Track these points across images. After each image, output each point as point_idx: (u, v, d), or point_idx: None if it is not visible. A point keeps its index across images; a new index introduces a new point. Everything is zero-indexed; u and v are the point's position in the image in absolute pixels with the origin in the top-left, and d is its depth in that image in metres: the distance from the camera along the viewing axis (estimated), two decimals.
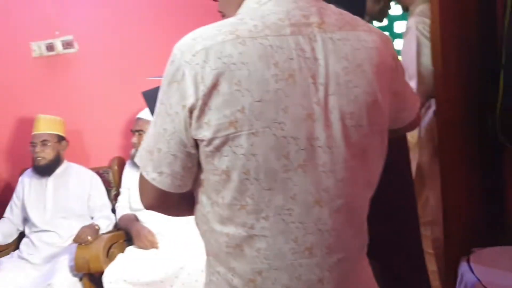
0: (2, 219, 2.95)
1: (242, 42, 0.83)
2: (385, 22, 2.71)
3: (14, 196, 2.95)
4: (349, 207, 0.92)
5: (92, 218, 2.85)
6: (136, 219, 2.72)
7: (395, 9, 2.68)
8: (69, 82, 3.09)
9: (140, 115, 2.74)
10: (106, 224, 2.73)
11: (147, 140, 0.94)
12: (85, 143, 3.19)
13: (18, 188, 2.94)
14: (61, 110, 2.98)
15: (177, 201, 0.99)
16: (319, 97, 0.86)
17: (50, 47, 2.99)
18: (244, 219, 0.88)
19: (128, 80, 3.02)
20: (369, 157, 0.93)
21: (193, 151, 0.89)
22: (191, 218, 2.73)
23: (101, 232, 2.67)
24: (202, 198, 0.95)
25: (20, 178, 2.98)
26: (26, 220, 2.92)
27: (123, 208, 2.82)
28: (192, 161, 0.91)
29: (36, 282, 2.56)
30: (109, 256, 2.57)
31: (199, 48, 0.84)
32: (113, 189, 3.06)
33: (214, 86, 0.82)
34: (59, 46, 2.98)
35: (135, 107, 2.94)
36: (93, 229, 2.62)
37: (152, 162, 0.92)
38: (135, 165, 2.76)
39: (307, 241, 0.89)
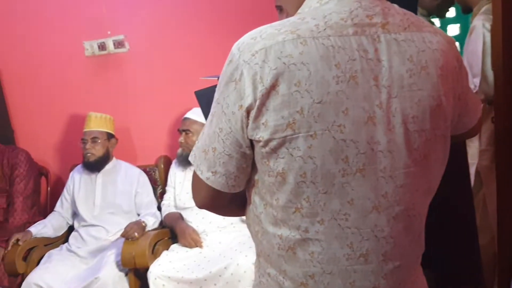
0: (52, 212, 3.04)
1: (303, 42, 0.81)
2: (437, 24, 2.63)
3: (65, 190, 3.04)
4: (408, 214, 0.89)
5: (138, 215, 2.90)
6: (181, 217, 2.75)
7: (448, 12, 2.61)
8: (119, 81, 3.16)
9: (187, 115, 2.76)
10: (152, 221, 2.78)
11: (202, 139, 0.94)
12: (133, 141, 3.25)
13: (69, 183, 3.04)
14: (111, 108, 3.06)
15: (230, 201, 0.99)
16: (382, 99, 0.83)
17: (102, 47, 3.07)
18: (299, 222, 0.87)
19: (176, 80, 3.07)
20: (431, 163, 0.89)
21: (248, 151, 0.88)
22: (235, 219, 2.74)
23: (147, 229, 2.72)
24: (255, 199, 0.95)
25: (71, 174, 3.07)
26: (75, 214, 3.01)
27: (168, 206, 2.86)
28: (247, 162, 0.90)
29: (84, 275, 2.63)
30: (154, 253, 2.61)
31: (259, 48, 0.83)
32: (158, 187, 3.11)
33: (273, 87, 0.81)
34: (110, 46, 3.05)
35: (183, 107, 2.98)
36: (140, 226, 2.66)
37: (206, 162, 0.92)
38: (181, 164, 2.80)
39: (362, 247, 0.87)
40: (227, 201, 0.98)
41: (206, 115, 1.03)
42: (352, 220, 0.86)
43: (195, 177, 0.97)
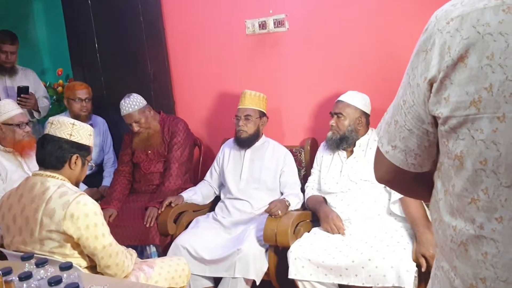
0: (202, 181, 3.21)
1: (506, 9, 0.69)
2: None
3: (215, 162, 3.18)
4: None
5: (281, 193, 2.92)
6: (324, 201, 2.69)
7: None
8: (275, 60, 3.18)
9: (341, 97, 2.68)
10: (295, 201, 2.77)
11: (388, 111, 0.91)
12: (283, 121, 3.27)
13: (219, 156, 3.17)
14: (265, 87, 3.10)
15: (412, 181, 0.93)
16: None
17: (262, 25, 3.12)
18: (473, 215, 0.77)
19: (333, 62, 2.99)
20: None
21: (431, 129, 0.81)
22: (382, 211, 2.58)
23: (290, 208, 2.72)
24: (437, 184, 0.87)
25: (222, 147, 3.20)
26: (222, 185, 3.14)
27: (312, 189, 2.82)
28: (429, 140, 0.83)
29: (227, 245, 2.73)
30: (295, 233, 2.60)
31: (455, 15, 0.74)
32: (303, 169, 3.09)
33: (460, 58, 0.72)
34: (270, 25, 3.08)
35: (337, 89, 2.91)
36: (284, 204, 2.67)
37: (388, 134, 0.88)
38: (329, 147, 2.73)
39: None
40: (409, 180, 0.92)
41: None
42: None
43: (377, 149, 0.93)
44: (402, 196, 2.36)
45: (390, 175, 0.93)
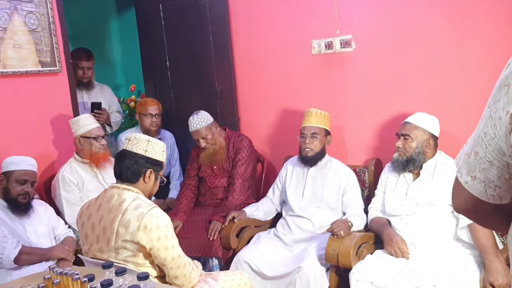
0: (264, 198, 3.26)
1: None
2: None
3: (277, 179, 3.23)
4: None
5: (344, 213, 2.91)
6: (388, 223, 2.66)
7: None
8: (341, 79, 3.20)
9: (409, 119, 2.64)
10: (358, 222, 2.75)
11: (468, 142, 0.91)
12: (345, 140, 3.27)
13: (282, 173, 3.21)
14: (329, 106, 3.12)
15: (490, 212, 0.93)
16: None
17: (328, 45, 3.15)
18: None
19: (399, 83, 2.97)
20: None
21: (511, 161, 0.81)
22: (449, 236, 2.52)
23: (352, 229, 2.70)
24: None
25: (285, 164, 3.24)
26: (284, 203, 3.17)
27: (375, 210, 2.79)
28: (510, 173, 0.83)
29: (288, 262, 2.75)
30: (358, 255, 2.58)
31: None
32: (366, 190, 3.07)
33: None
34: (337, 45, 3.10)
35: (403, 110, 2.88)
36: (346, 225, 2.66)
37: (467, 165, 0.89)
38: (395, 169, 2.70)
39: None
40: (487, 211, 0.92)
41: None
42: None
43: (456, 179, 0.94)
44: (471, 222, 2.29)
45: (469, 205, 0.94)
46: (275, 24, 3.42)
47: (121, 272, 1.40)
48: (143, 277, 1.36)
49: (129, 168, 2.04)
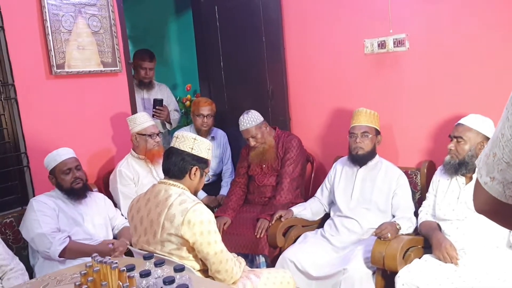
0: (313, 198, 3.26)
1: None
2: None
3: (326, 179, 3.21)
4: None
5: (393, 216, 2.85)
6: (438, 228, 2.58)
7: None
8: (393, 79, 3.14)
9: (462, 121, 2.55)
10: (407, 225, 2.69)
11: (488, 143, 0.91)
12: (396, 141, 3.20)
13: (331, 173, 3.19)
14: (378, 105, 3.08)
15: (510, 212, 0.90)
16: None
17: (381, 45, 3.09)
18: None
19: (454, 83, 2.87)
20: None
21: None
22: (501, 243, 2.42)
23: (400, 232, 2.65)
24: None
25: (334, 164, 3.22)
26: (332, 203, 3.16)
27: (426, 214, 2.72)
28: None
29: (334, 263, 2.74)
30: (405, 259, 2.52)
31: None
32: (418, 192, 2.99)
33: None
34: (390, 44, 3.05)
35: (457, 112, 2.78)
36: (394, 228, 2.61)
37: (486, 166, 0.88)
38: (447, 172, 2.61)
39: None
40: (507, 211, 0.90)
41: None
42: None
43: (476, 180, 0.93)
44: None
45: (489, 206, 0.93)
46: (328, 24, 3.40)
47: (159, 263, 1.47)
48: (179, 269, 1.42)
49: (176, 165, 2.12)
